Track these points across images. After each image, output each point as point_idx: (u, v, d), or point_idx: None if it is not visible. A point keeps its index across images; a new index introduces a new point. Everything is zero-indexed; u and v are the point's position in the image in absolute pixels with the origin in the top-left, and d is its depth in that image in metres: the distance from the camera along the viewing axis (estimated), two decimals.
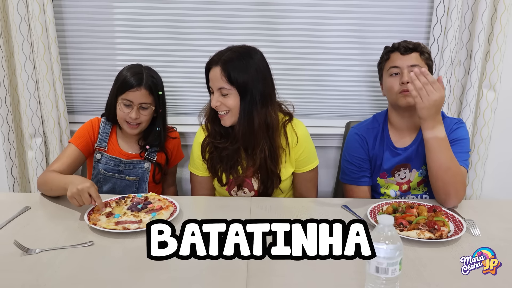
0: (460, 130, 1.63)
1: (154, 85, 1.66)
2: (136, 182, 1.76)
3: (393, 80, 1.61)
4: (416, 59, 1.60)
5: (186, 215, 1.37)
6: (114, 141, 1.75)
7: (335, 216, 1.36)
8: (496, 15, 1.88)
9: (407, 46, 1.61)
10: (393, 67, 1.62)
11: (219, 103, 1.48)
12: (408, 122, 1.65)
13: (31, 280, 1.03)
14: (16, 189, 2.09)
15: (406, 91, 1.53)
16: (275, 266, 1.09)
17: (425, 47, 1.65)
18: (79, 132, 1.72)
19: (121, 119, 1.67)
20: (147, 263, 1.10)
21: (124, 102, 1.63)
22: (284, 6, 2.01)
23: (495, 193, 2.17)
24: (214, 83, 1.48)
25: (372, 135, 1.70)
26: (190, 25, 2.04)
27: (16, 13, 1.87)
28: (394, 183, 1.70)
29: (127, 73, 1.65)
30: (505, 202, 1.61)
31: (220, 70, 1.45)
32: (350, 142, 1.74)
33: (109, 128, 1.74)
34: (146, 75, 1.65)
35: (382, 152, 1.68)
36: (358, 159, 1.69)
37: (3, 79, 1.94)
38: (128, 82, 1.62)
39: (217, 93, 1.49)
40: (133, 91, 1.62)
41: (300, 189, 1.69)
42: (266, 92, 1.50)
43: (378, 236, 0.92)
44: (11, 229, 1.27)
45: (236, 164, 1.59)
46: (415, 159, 1.65)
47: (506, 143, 2.14)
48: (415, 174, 1.67)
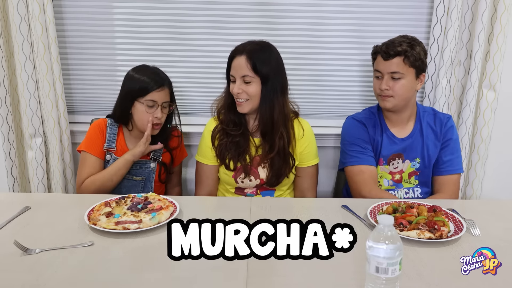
0: (453, 128, 1.74)
1: (171, 83, 1.71)
2: (142, 182, 1.77)
3: (376, 82, 1.68)
4: (398, 65, 1.61)
5: (186, 215, 1.36)
6: (122, 142, 1.75)
7: (335, 216, 1.37)
8: (496, 15, 1.88)
9: (388, 52, 1.61)
10: (376, 70, 1.68)
11: (241, 90, 1.56)
12: (398, 117, 1.72)
13: (31, 280, 1.03)
14: (16, 189, 2.09)
15: (383, 96, 1.64)
16: (275, 266, 1.09)
17: (411, 49, 1.60)
18: (90, 139, 1.72)
19: (144, 121, 1.66)
20: (147, 263, 1.10)
21: (148, 103, 1.64)
22: (284, 6, 2.01)
23: (495, 193, 2.17)
24: (237, 71, 1.56)
25: (371, 123, 1.75)
26: (190, 25, 2.05)
27: (16, 13, 1.87)
28: (387, 172, 1.74)
29: (143, 75, 1.66)
30: (505, 202, 1.61)
31: (245, 59, 1.54)
32: (350, 127, 1.76)
33: (116, 128, 1.75)
34: (164, 74, 1.69)
35: (381, 139, 1.73)
36: (361, 140, 1.72)
37: (3, 79, 1.94)
38: (151, 83, 1.64)
39: (239, 81, 1.56)
40: (157, 92, 1.64)
41: (301, 186, 1.73)
42: (284, 83, 1.62)
43: (378, 236, 0.92)
44: (11, 229, 1.27)
45: (244, 152, 1.65)
46: (409, 150, 1.72)
47: (506, 143, 2.14)
48: (408, 164, 1.73)
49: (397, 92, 1.63)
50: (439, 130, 1.73)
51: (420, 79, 1.67)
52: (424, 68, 1.68)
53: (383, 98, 1.66)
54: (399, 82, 1.62)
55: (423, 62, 1.65)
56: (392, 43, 1.63)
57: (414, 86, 1.66)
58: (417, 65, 1.63)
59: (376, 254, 0.92)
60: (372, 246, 0.92)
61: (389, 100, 1.65)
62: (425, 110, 1.78)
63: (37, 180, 2.08)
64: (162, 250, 1.17)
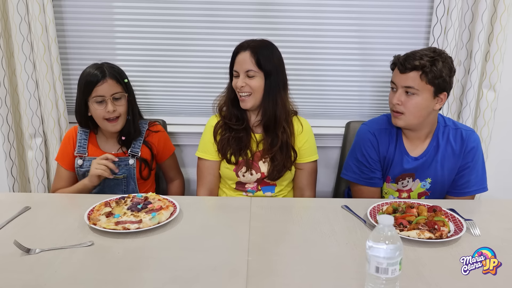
0: (476, 149, 1.60)
1: (118, 73, 1.66)
2: (125, 180, 1.74)
3: (391, 95, 1.58)
4: (414, 80, 1.48)
5: (186, 215, 1.37)
6: (94, 145, 1.73)
7: (335, 216, 1.37)
8: (496, 15, 1.88)
9: (405, 65, 1.49)
10: (392, 81, 1.57)
11: (244, 84, 1.59)
12: (414, 134, 1.62)
13: (31, 280, 1.03)
14: (16, 189, 2.09)
15: (395, 112, 1.55)
16: (275, 266, 1.10)
17: (431, 64, 1.46)
18: (61, 150, 1.75)
19: (100, 119, 1.64)
20: (147, 263, 1.10)
21: (96, 100, 1.61)
22: (284, 6, 2.01)
23: (495, 193, 2.17)
24: (242, 65, 1.59)
25: (386, 138, 1.64)
26: (190, 25, 2.04)
27: (16, 13, 1.87)
28: (394, 189, 1.69)
29: (87, 72, 1.63)
30: (505, 202, 1.61)
31: (249, 54, 1.58)
32: (363, 141, 1.65)
33: (87, 133, 1.73)
34: (106, 66, 1.65)
35: (393, 157, 1.63)
36: (371, 160, 1.64)
37: (3, 79, 1.94)
38: (92, 78, 1.60)
39: (242, 75, 1.60)
40: (100, 85, 1.60)
41: (300, 182, 1.74)
42: (285, 81, 1.66)
43: (378, 236, 0.92)
44: (11, 229, 1.27)
45: (246, 147, 1.67)
46: (421, 170, 1.63)
47: (506, 143, 2.14)
48: (417, 184, 1.66)
49: (409, 109, 1.51)
50: (458, 148, 1.60)
51: (440, 98, 1.51)
52: (445, 87, 1.50)
53: (394, 114, 1.56)
54: (413, 98, 1.50)
55: (444, 81, 1.48)
56: (412, 55, 1.49)
57: (430, 105, 1.51)
58: (436, 83, 1.47)
59: (376, 254, 0.92)
60: (372, 246, 0.92)
61: (400, 118, 1.54)
62: (447, 124, 1.63)
63: (37, 180, 2.09)
64: (162, 250, 1.18)
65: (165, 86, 2.13)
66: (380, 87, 2.13)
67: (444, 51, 1.53)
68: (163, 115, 2.16)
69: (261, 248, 1.18)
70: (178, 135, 2.14)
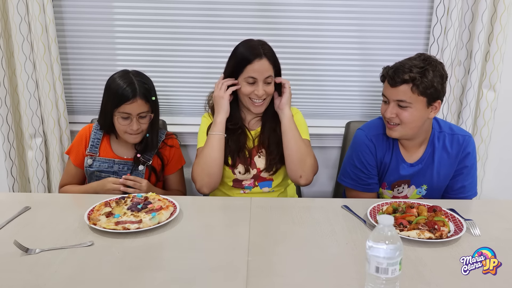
0: (471, 154, 1.60)
1: (148, 92, 1.62)
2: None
3: (383, 107, 1.56)
4: (405, 94, 1.45)
5: (186, 215, 1.37)
6: (107, 147, 1.72)
7: (335, 216, 1.37)
8: (496, 15, 1.88)
9: (395, 79, 1.46)
10: (383, 94, 1.56)
11: (264, 92, 1.60)
12: (409, 142, 1.61)
13: (31, 280, 1.03)
14: (16, 189, 2.09)
15: (390, 125, 1.54)
16: (275, 266, 1.10)
17: (421, 76, 1.43)
18: (74, 146, 1.73)
19: (122, 131, 1.64)
20: (147, 263, 1.10)
21: (122, 116, 1.60)
22: (284, 6, 2.01)
23: (495, 193, 2.17)
24: (262, 73, 1.58)
25: (383, 143, 1.62)
26: (190, 25, 2.05)
27: (16, 13, 1.87)
28: (390, 196, 1.68)
29: (118, 84, 1.60)
30: (505, 202, 1.61)
31: (267, 61, 1.59)
32: (360, 146, 1.63)
33: (101, 133, 1.72)
34: (138, 83, 1.60)
35: (389, 163, 1.63)
36: (370, 166, 1.63)
37: (3, 79, 1.94)
38: (123, 95, 1.57)
39: (261, 83, 1.59)
40: (129, 104, 1.58)
41: None
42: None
43: (378, 236, 0.92)
44: (11, 229, 1.27)
45: (243, 147, 1.67)
46: (417, 177, 1.62)
47: (506, 143, 2.14)
48: (413, 191, 1.66)
49: (404, 120, 1.49)
50: (455, 153, 1.60)
51: (435, 106, 1.50)
52: (438, 95, 1.48)
53: (389, 126, 1.54)
54: (406, 110, 1.48)
55: (436, 90, 1.46)
56: (402, 67, 1.45)
57: (424, 115, 1.50)
58: (429, 93, 1.45)
59: (376, 254, 0.92)
60: (372, 246, 0.92)
61: (396, 130, 1.53)
62: (442, 130, 1.62)
63: (37, 180, 2.09)
64: (162, 250, 1.18)
65: (165, 86, 2.13)
66: (380, 87, 2.11)
67: (433, 57, 1.50)
68: (163, 115, 2.15)
69: (261, 248, 1.18)
70: (178, 135, 2.13)
